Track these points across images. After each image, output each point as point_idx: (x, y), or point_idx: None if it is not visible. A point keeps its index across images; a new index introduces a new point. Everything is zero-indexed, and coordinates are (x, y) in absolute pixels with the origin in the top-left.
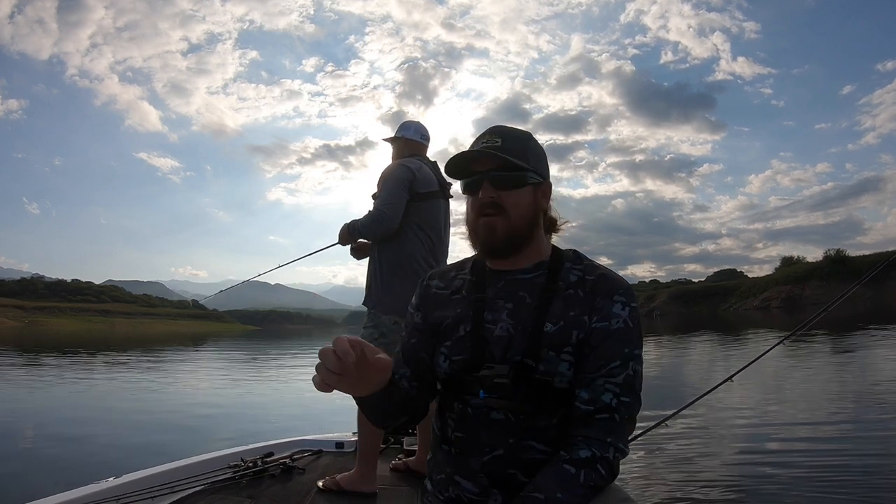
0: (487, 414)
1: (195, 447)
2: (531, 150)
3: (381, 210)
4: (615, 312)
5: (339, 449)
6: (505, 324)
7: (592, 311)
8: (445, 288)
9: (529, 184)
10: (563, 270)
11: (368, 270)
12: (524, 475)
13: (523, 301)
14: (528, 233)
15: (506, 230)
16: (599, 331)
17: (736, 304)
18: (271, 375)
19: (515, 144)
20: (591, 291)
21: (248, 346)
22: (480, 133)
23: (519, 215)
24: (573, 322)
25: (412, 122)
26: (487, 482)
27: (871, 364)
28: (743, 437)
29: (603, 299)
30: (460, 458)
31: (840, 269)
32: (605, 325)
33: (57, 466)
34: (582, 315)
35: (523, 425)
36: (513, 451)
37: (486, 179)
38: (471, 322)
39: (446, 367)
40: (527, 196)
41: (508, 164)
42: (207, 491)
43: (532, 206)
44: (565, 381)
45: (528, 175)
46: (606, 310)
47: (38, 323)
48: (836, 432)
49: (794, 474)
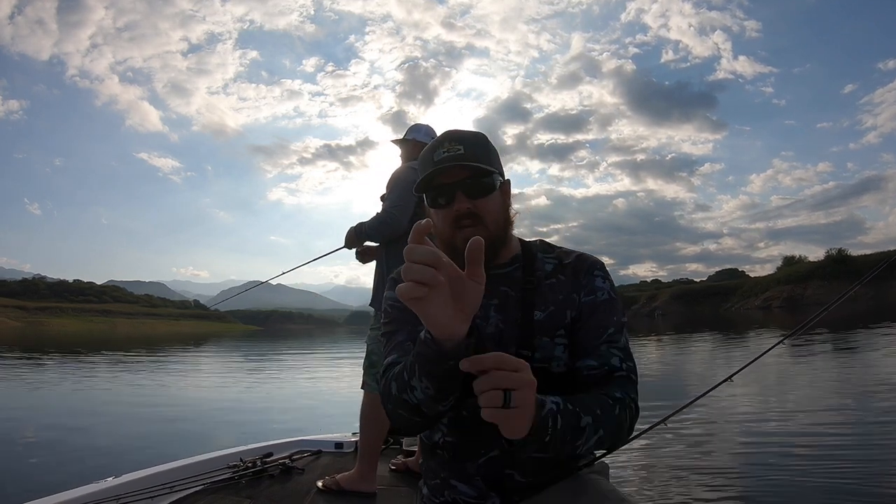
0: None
1: (194, 447)
2: (492, 151)
3: (389, 212)
4: (598, 286)
5: (339, 449)
6: (494, 319)
7: (579, 289)
8: None
9: (497, 187)
10: (537, 260)
11: (376, 272)
12: (521, 475)
13: (507, 295)
14: (504, 236)
15: (486, 238)
16: (588, 304)
17: (738, 304)
18: (271, 375)
19: (478, 149)
20: (572, 272)
21: (248, 346)
22: (433, 142)
23: (494, 221)
24: (564, 304)
25: (422, 125)
26: (484, 485)
27: (872, 363)
28: (743, 437)
29: (585, 276)
30: (454, 462)
31: (842, 269)
32: (593, 297)
33: (56, 466)
34: (571, 294)
35: None
36: (508, 452)
37: (459, 190)
38: None
39: None
40: (497, 200)
41: (477, 172)
42: (207, 491)
43: (503, 208)
44: (562, 365)
45: (495, 178)
46: (591, 285)
47: (40, 323)
48: (837, 432)
49: (795, 474)
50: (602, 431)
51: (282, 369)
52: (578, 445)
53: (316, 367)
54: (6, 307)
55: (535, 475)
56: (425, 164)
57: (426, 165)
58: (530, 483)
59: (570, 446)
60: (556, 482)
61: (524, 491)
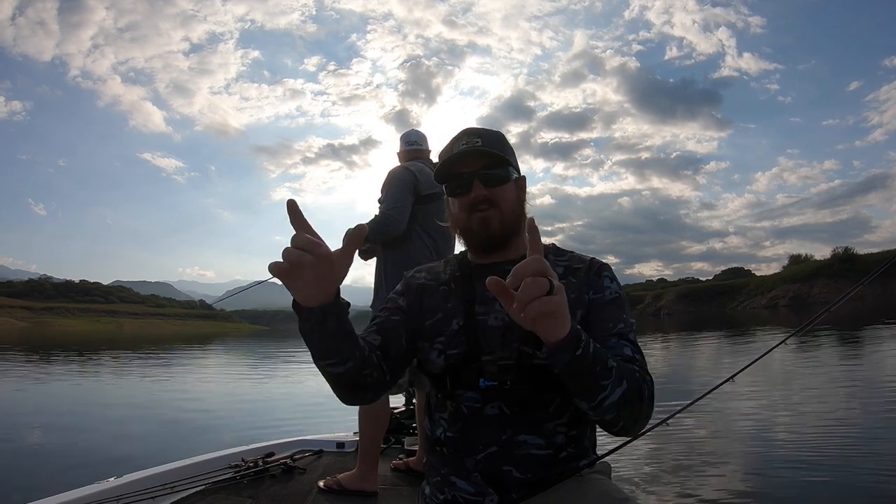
0: (482, 410)
1: (196, 447)
2: (507, 146)
3: (387, 213)
4: (606, 285)
5: (340, 449)
6: (499, 314)
7: (588, 288)
8: (432, 280)
9: (512, 179)
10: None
11: (375, 273)
12: (519, 471)
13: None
14: (517, 226)
15: (500, 223)
16: (597, 301)
17: (744, 303)
18: (273, 375)
19: (495, 143)
20: (584, 274)
21: (253, 345)
22: (455, 136)
23: (509, 209)
24: (574, 304)
25: (408, 131)
26: (482, 480)
27: (878, 361)
28: (746, 437)
29: (595, 277)
30: (454, 458)
31: (848, 268)
32: (601, 295)
33: (58, 466)
34: (582, 294)
35: (517, 419)
36: (507, 447)
37: (476, 178)
38: (463, 315)
39: (441, 363)
40: (512, 191)
41: (494, 162)
42: (208, 491)
43: (517, 200)
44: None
45: (510, 171)
46: (599, 284)
47: (46, 324)
48: (843, 432)
49: (799, 473)
50: (626, 384)
51: (283, 369)
52: (605, 387)
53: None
54: (12, 308)
55: (533, 471)
56: (444, 156)
57: (445, 156)
58: (529, 479)
59: (598, 382)
60: (557, 481)
61: (523, 487)
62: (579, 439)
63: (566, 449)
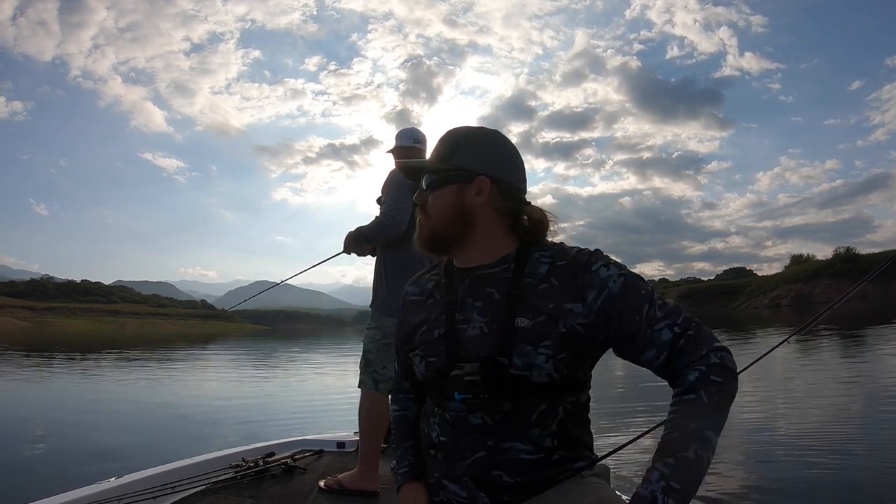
0: (465, 418)
1: (196, 447)
2: (462, 148)
3: (388, 215)
4: (605, 276)
5: (341, 449)
6: (477, 322)
7: (578, 294)
8: (420, 294)
9: (452, 183)
10: (530, 262)
11: (374, 274)
12: (508, 475)
13: (491, 297)
14: (452, 230)
15: (427, 229)
16: (607, 300)
17: (745, 303)
18: (274, 375)
19: (443, 147)
20: (569, 275)
21: (255, 346)
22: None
23: (436, 215)
24: (555, 313)
25: (406, 129)
26: (473, 484)
27: (880, 361)
28: (747, 436)
29: (585, 274)
30: (445, 462)
31: (850, 268)
32: (608, 291)
33: (59, 466)
34: (563, 303)
35: (500, 427)
36: (494, 453)
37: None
38: (444, 325)
39: (423, 370)
40: (447, 196)
41: (430, 168)
42: (209, 491)
43: (453, 204)
44: (544, 375)
45: (447, 175)
46: (596, 280)
47: (48, 323)
48: (843, 431)
49: (799, 472)
50: (712, 433)
51: (285, 369)
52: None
53: (320, 366)
54: (14, 307)
55: (524, 475)
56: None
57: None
58: (521, 483)
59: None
60: (553, 484)
61: (516, 491)
62: (573, 441)
63: (558, 452)
